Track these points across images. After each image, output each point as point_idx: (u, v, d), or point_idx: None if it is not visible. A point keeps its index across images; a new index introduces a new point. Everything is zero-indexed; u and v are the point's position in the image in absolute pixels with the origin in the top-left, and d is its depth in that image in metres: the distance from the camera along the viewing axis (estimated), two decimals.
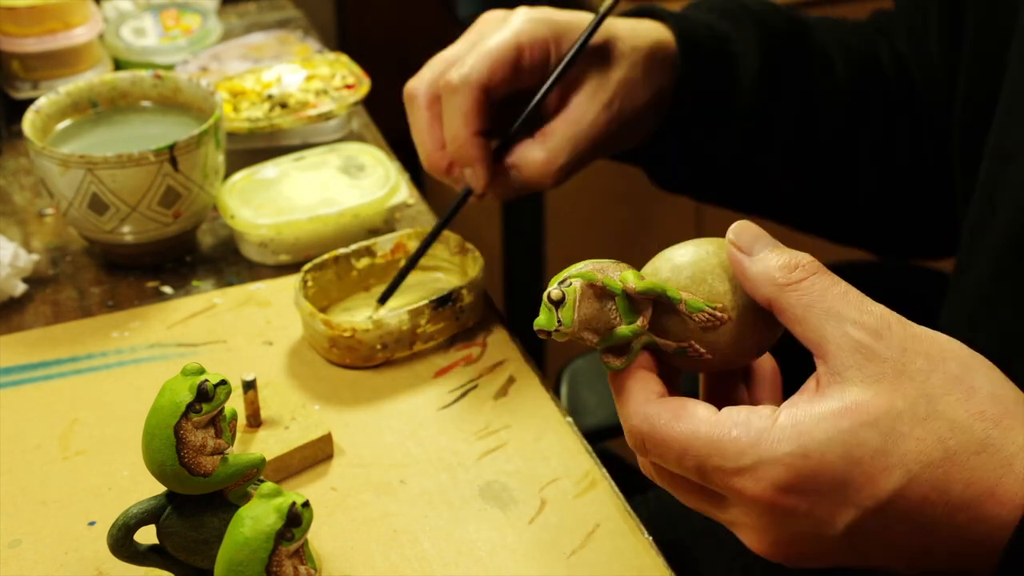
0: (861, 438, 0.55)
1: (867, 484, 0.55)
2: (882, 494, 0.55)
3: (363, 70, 1.13)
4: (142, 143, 0.96)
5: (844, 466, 0.55)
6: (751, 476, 0.56)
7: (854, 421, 0.55)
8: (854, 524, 0.55)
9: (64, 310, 0.94)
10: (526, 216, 1.94)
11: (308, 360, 0.88)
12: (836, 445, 0.55)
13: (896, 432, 0.55)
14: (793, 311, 0.58)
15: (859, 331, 0.56)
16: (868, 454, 0.55)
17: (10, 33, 1.17)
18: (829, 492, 0.55)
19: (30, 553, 0.73)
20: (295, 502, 0.59)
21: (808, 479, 0.55)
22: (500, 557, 0.73)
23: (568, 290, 0.59)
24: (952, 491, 0.55)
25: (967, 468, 0.55)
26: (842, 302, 0.57)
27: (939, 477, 0.55)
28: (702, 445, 0.57)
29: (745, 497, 0.56)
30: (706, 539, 1.05)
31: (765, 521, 0.57)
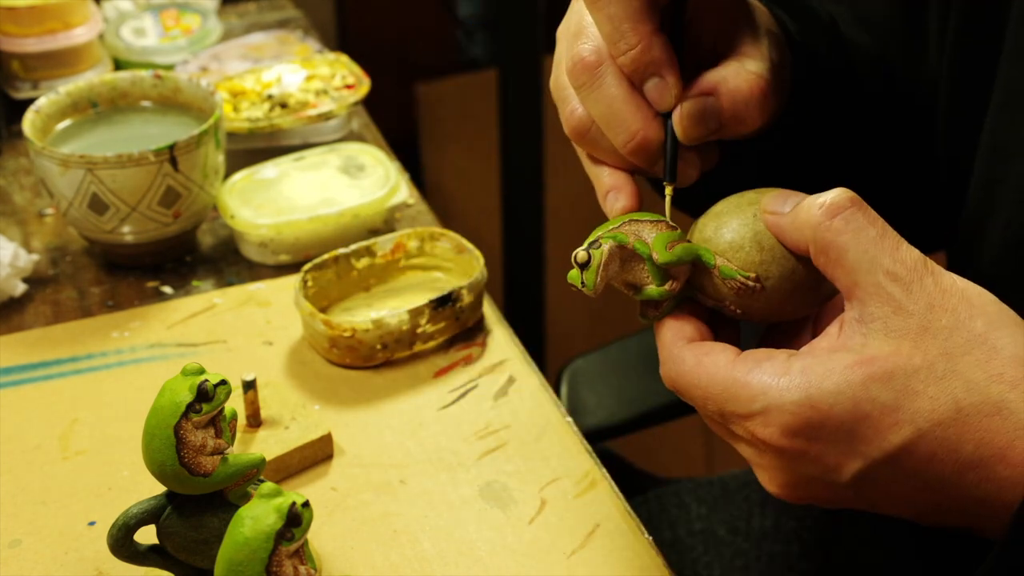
0: (872, 393, 0.55)
1: (875, 437, 0.55)
2: (889, 447, 0.55)
3: (363, 70, 1.13)
4: (142, 143, 0.96)
5: (851, 419, 0.56)
6: (761, 421, 0.57)
7: (867, 375, 0.56)
8: (861, 474, 0.56)
9: (64, 310, 0.94)
10: (526, 216, 1.95)
11: (308, 360, 0.88)
12: (845, 398, 0.56)
13: (909, 389, 0.55)
14: (829, 252, 0.58)
15: (890, 282, 0.57)
16: (877, 409, 0.55)
17: (10, 33, 1.17)
18: (836, 441, 0.56)
19: (30, 553, 0.73)
20: (295, 502, 0.59)
21: (815, 427, 0.56)
22: (500, 557, 0.73)
23: (595, 252, 0.61)
24: (963, 450, 0.55)
25: (979, 429, 0.55)
26: (878, 246, 0.57)
27: (950, 436, 0.55)
28: (720, 390, 0.59)
29: (756, 440, 0.58)
30: (706, 539, 1.05)
31: (777, 463, 0.58)
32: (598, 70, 0.65)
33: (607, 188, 0.67)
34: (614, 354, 1.21)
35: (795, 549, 1.04)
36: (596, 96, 0.65)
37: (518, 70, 1.84)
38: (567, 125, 0.68)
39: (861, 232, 0.58)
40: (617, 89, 0.65)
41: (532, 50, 1.83)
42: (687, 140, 0.64)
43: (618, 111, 0.64)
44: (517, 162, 1.91)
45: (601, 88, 0.65)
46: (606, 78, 0.65)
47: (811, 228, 0.59)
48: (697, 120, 0.64)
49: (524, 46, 1.83)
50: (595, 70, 0.65)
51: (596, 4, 0.64)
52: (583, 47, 0.65)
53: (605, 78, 0.65)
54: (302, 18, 1.42)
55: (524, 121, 1.87)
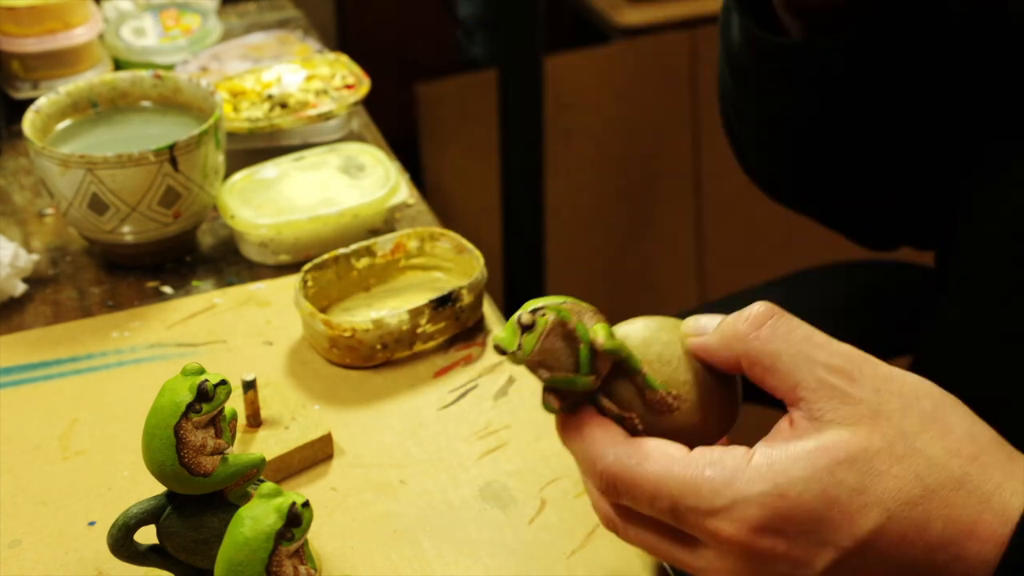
0: (838, 477, 0.54)
1: (845, 523, 0.54)
2: (860, 533, 0.54)
3: (363, 70, 1.13)
4: (142, 143, 0.96)
5: (822, 505, 0.54)
6: (726, 517, 0.55)
7: (831, 459, 0.55)
8: (832, 565, 0.55)
9: (64, 310, 0.94)
10: (526, 216, 1.95)
11: (308, 360, 0.88)
12: (813, 484, 0.55)
13: (874, 470, 0.55)
14: (763, 360, 0.58)
15: (831, 374, 0.57)
16: (845, 493, 0.54)
17: (10, 33, 1.17)
18: (806, 532, 0.55)
19: (30, 553, 0.73)
20: (295, 502, 0.59)
21: (785, 519, 0.54)
22: (500, 557, 0.73)
23: (540, 319, 0.59)
24: (932, 529, 0.54)
25: (946, 505, 0.54)
26: (809, 345, 0.57)
27: (918, 515, 0.54)
28: (675, 485, 0.56)
29: (720, 539, 0.55)
30: None
31: (741, 565, 0.56)
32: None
33: None
34: None
35: None
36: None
37: (518, 70, 1.84)
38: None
39: (790, 335, 0.58)
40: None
41: (532, 50, 1.83)
42: None
43: None
44: (517, 162, 1.91)
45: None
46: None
47: (739, 341, 0.59)
48: None
49: (524, 46, 1.83)
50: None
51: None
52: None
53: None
54: (302, 18, 1.42)
55: (524, 121, 1.87)
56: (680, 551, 0.58)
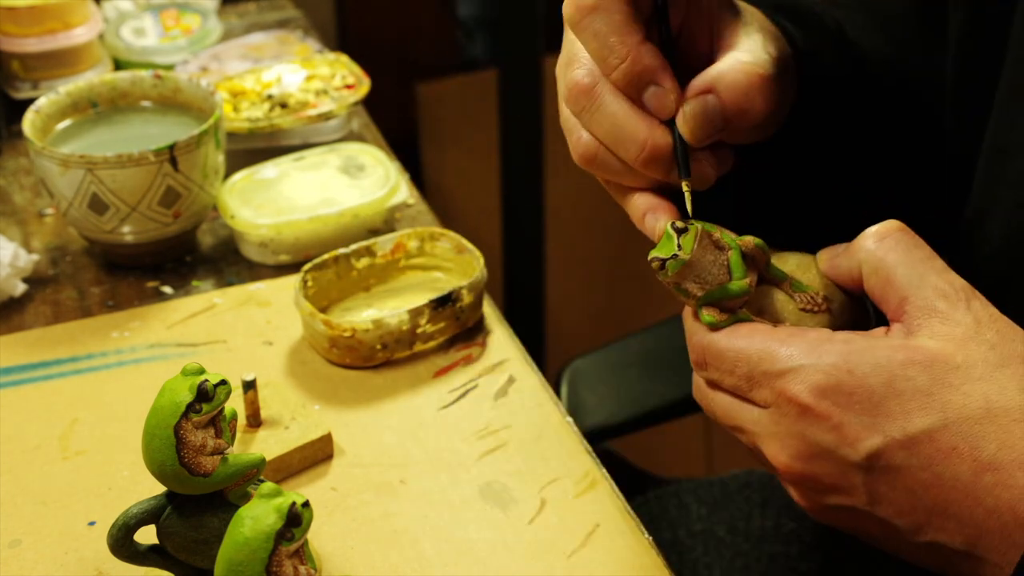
0: (910, 374, 0.56)
1: (900, 416, 0.56)
2: (912, 429, 0.55)
3: (363, 70, 1.13)
4: (142, 143, 0.96)
5: (883, 393, 0.56)
6: (794, 378, 0.57)
7: (908, 358, 0.57)
8: (876, 452, 0.56)
9: (64, 310, 0.94)
10: (526, 216, 1.95)
11: (308, 360, 0.88)
12: (883, 372, 0.56)
13: (945, 381, 0.56)
14: (880, 271, 0.60)
15: (939, 298, 0.59)
16: (911, 389, 0.56)
17: (10, 33, 1.17)
18: (861, 412, 0.56)
19: (30, 553, 0.73)
20: (295, 502, 0.59)
21: (846, 393, 0.56)
22: (500, 557, 0.73)
23: (691, 225, 0.62)
24: (984, 449, 0.54)
25: (1005, 431, 0.55)
26: (926, 265, 0.60)
27: (974, 432, 0.55)
28: (757, 350, 0.59)
29: (785, 397, 0.58)
30: (706, 540, 1.05)
31: (794, 427, 0.58)
32: (594, 90, 0.64)
33: (642, 211, 0.67)
34: (614, 354, 1.21)
35: (795, 550, 1.04)
36: (598, 117, 0.65)
37: (518, 70, 1.84)
38: (575, 154, 0.67)
39: (910, 251, 0.60)
40: (617, 105, 0.64)
41: (532, 50, 1.83)
42: (695, 141, 0.64)
43: (622, 126, 0.64)
44: (517, 162, 1.91)
45: (601, 108, 0.64)
46: (604, 97, 0.64)
47: (863, 252, 0.61)
48: (701, 120, 0.63)
49: (524, 46, 1.83)
50: (591, 91, 0.64)
51: (580, 25, 0.64)
52: (576, 72, 0.65)
53: (603, 97, 0.64)
54: (302, 18, 1.42)
55: (524, 121, 1.87)
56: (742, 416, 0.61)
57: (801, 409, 0.57)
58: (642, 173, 0.65)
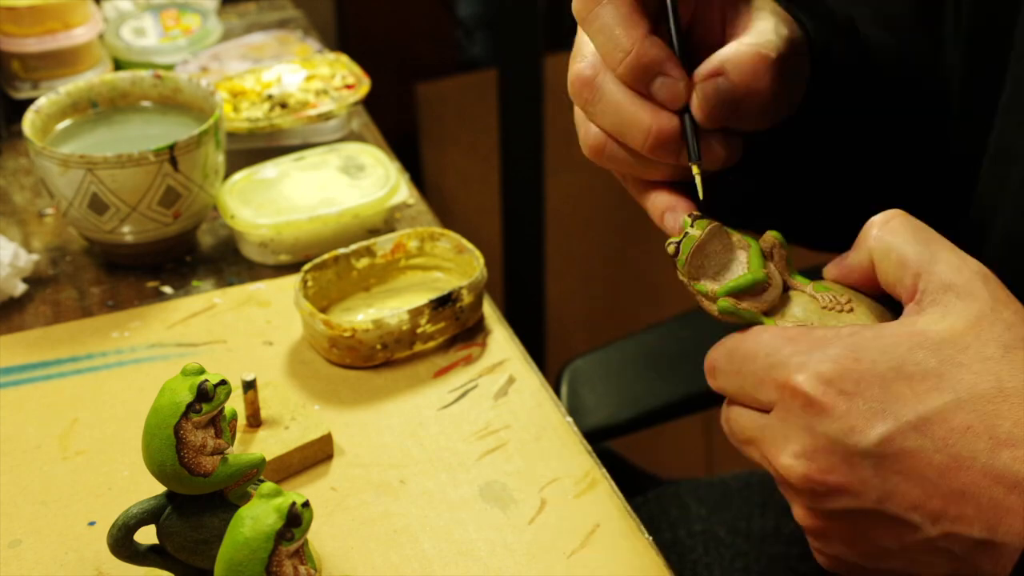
0: (918, 357, 0.56)
1: (911, 398, 0.55)
2: (924, 410, 0.54)
3: (363, 70, 1.13)
4: (142, 143, 0.96)
5: (892, 377, 0.55)
6: (801, 369, 0.57)
7: (915, 343, 0.56)
8: (887, 438, 0.55)
9: (64, 310, 0.94)
10: (526, 216, 1.95)
11: (308, 360, 0.88)
12: (890, 357, 0.56)
13: (955, 361, 0.55)
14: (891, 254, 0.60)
15: (955, 273, 0.58)
16: (920, 372, 0.55)
17: (10, 33, 1.17)
18: (870, 398, 0.55)
19: (30, 553, 0.73)
20: (295, 502, 0.59)
21: (853, 381, 0.56)
22: (500, 557, 0.73)
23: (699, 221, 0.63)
24: (1000, 426, 0.53)
25: (1019, 409, 0.54)
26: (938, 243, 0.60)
27: (988, 410, 0.54)
28: (769, 347, 0.59)
29: (787, 392, 0.57)
30: (706, 540, 1.05)
31: (800, 423, 0.57)
32: (595, 81, 0.65)
33: (661, 210, 0.68)
34: (614, 354, 1.21)
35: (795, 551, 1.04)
36: (602, 108, 0.65)
37: (518, 70, 1.84)
38: (584, 148, 0.68)
39: (918, 232, 0.60)
40: (620, 94, 0.64)
41: (532, 50, 1.82)
42: (709, 122, 0.64)
43: (626, 113, 0.64)
44: (517, 162, 1.91)
45: (604, 98, 0.65)
46: (606, 87, 0.65)
47: (870, 240, 0.61)
48: (714, 101, 0.63)
49: (524, 46, 1.83)
50: (592, 83, 0.65)
51: (587, 19, 0.64)
52: (578, 65, 0.66)
53: (605, 87, 0.65)
54: (302, 18, 1.42)
55: (524, 121, 1.87)
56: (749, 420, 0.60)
57: (806, 401, 0.56)
58: (651, 161, 0.65)
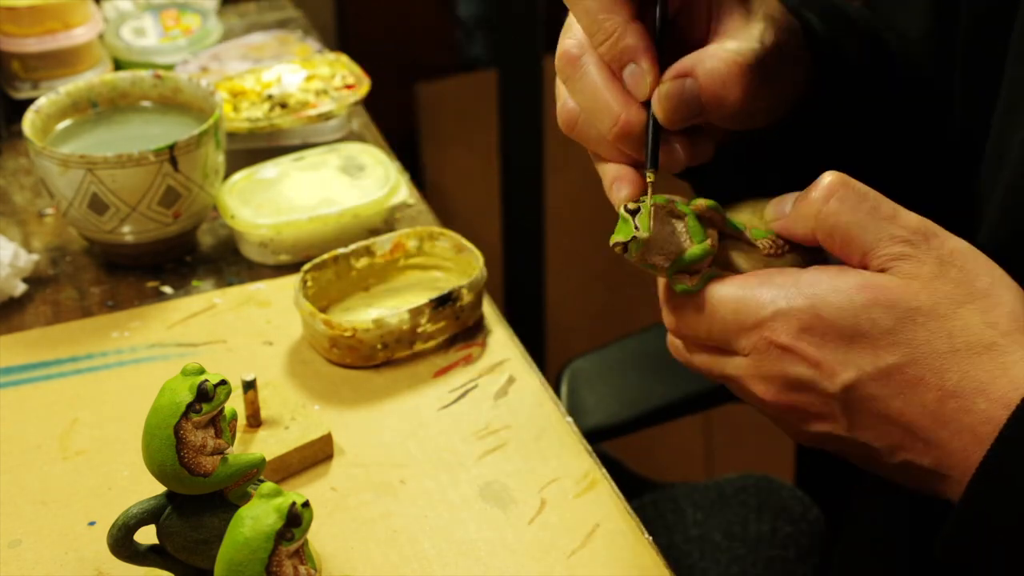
0: (873, 315, 0.60)
1: (870, 352, 0.60)
2: (882, 364, 0.59)
3: (363, 70, 1.13)
4: (142, 143, 0.96)
5: (851, 333, 0.60)
6: (772, 323, 0.61)
7: (871, 298, 0.60)
8: (851, 384, 0.60)
9: (64, 310, 0.94)
10: (526, 216, 1.95)
11: (308, 360, 0.88)
12: (847, 314, 0.60)
13: (909, 319, 0.59)
14: (835, 234, 0.62)
15: (898, 244, 0.61)
16: (876, 330, 0.59)
17: (10, 33, 1.17)
18: (835, 349, 0.60)
19: (30, 553, 0.73)
20: (295, 502, 0.59)
21: (818, 333, 0.60)
22: (500, 557, 0.73)
23: (643, 203, 0.64)
24: (948, 379, 0.59)
25: (967, 363, 0.59)
26: (878, 215, 0.62)
27: (938, 365, 0.59)
28: (731, 306, 0.62)
29: (764, 342, 0.61)
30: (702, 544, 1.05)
31: (777, 367, 0.61)
32: (580, 60, 0.66)
33: (611, 179, 0.69)
34: (614, 354, 1.21)
35: (791, 554, 1.04)
36: (580, 86, 0.67)
37: (518, 70, 1.84)
38: (559, 118, 0.70)
39: (858, 207, 0.62)
40: (599, 78, 0.66)
41: (532, 50, 1.83)
42: (668, 123, 0.65)
43: (600, 98, 0.66)
44: (517, 162, 1.91)
45: (584, 78, 0.66)
46: (588, 68, 0.66)
47: (812, 218, 0.63)
48: (676, 102, 0.64)
49: (524, 46, 1.83)
50: (577, 61, 0.66)
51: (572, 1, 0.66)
52: (567, 41, 0.67)
53: (587, 68, 0.66)
54: (302, 18, 1.42)
55: (524, 121, 1.87)
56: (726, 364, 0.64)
57: (782, 350, 0.61)
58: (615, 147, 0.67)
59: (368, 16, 2.20)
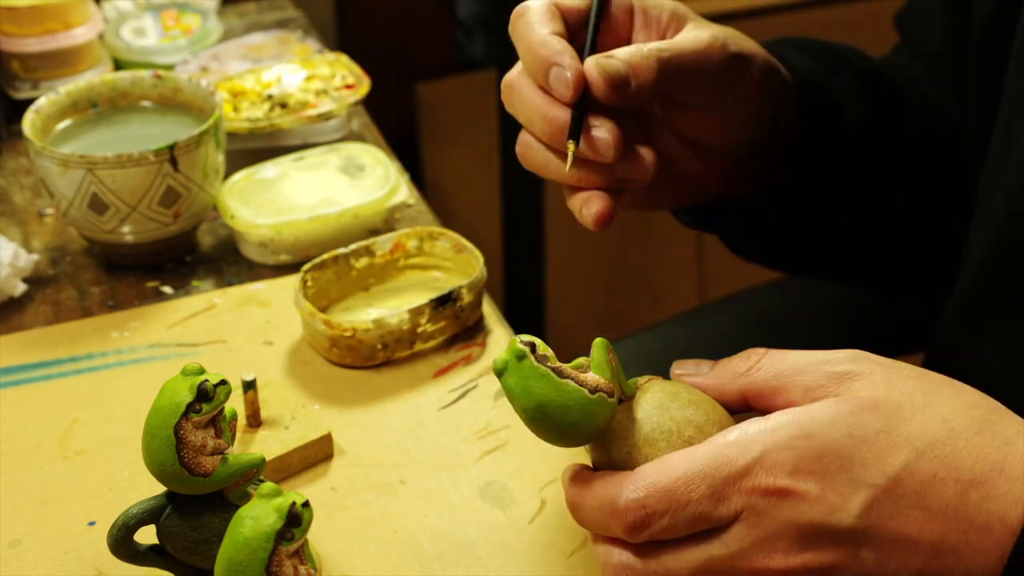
0: (864, 419, 0.56)
1: (874, 461, 0.55)
2: (890, 470, 0.55)
3: (363, 70, 1.13)
4: (142, 143, 0.96)
5: (849, 445, 0.55)
6: (760, 468, 0.55)
7: (855, 405, 0.56)
8: (867, 507, 0.55)
9: (64, 310, 0.94)
10: (526, 216, 1.95)
11: (308, 360, 0.88)
12: (840, 424, 0.56)
13: (899, 416, 0.56)
14: (768, 384, 0.59)
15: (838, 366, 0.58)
16: (872, 432, 0.55)
17: (10, 33, 1.17)
18: (837, 471, 0.55)
19: (30, 553, 0.73)
20: (295, 502, 0.59)
21: (815, 459, 0.55)
22: (500, 557, 0.73)
23: None
24: (962, 466, 0.55)
25: (972, 444, 0.55)
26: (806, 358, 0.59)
27: (947, 452, 0.55)
28: (705, 463, 0.56)
29: (757, 493, 0.55)
30: None
31: (777, 521, 0.55)
32: (515, 82, 0.71)
33: (579, 204, 0.72)
34: None
35: None
36: (518, 106, 0.72)
37: None
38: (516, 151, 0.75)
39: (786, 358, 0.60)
40: (530, 91, 0.70)
41: None
42: (601, 93, 0.68)
43: (532, 107, 0.70)
44: (517, 162, 1.90)
45: (518, 96, 0.71)
46: (523, 87, 0.71)
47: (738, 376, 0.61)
48: (603, 67, 0.68)
49: None
50: (511, 84, 0.72)
51: (512, 31, 0.72)
52: (509, 72, 0.73)
53: (522, 87, 0.71)
54: (302, 18, 1.42)
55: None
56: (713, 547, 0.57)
57: (780, 495, 0.55)
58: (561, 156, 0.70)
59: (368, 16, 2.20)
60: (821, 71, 0.83)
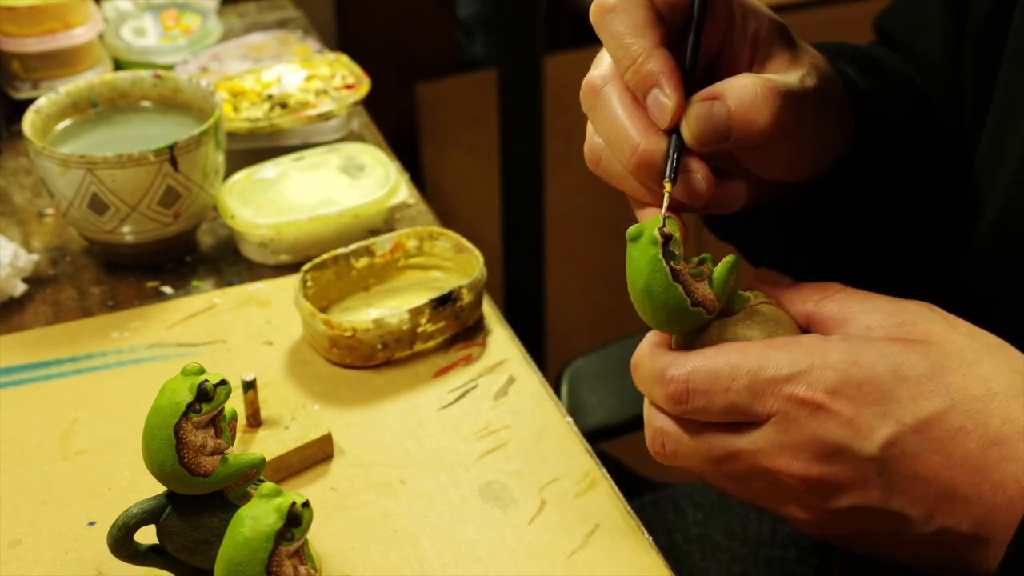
0: (911, 360, 0.58)
1: (910, 402, 0.57)
2: (923, 413, 0.57)
3: (363, 70, 1.13)
4: (142, 143, 0.96)
5: (891, 380, 0.57)
6: (803, 380, 0.58)
7: (905, 346, 0.59)
8: (890, 441, 0.57)
9: (64, 310, 0.94)
10: (526, 216, 1.95)
11: (308, 360, 0.88)
12: (887, 359, 0.58)
13: (943, 366, 0.58)
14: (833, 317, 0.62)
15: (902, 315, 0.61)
16: (915, 375, 0.57)
17: (10, 33, 1.17)
18: (873, 403, 0.57)
19: (30, 553, 0.73)
20: (295, 502, 0.59)
21: (856, 385, 0.57)
22: (500, 557, 0.73)
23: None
24: (990, 425, 0.56)
25: (1007, 406, 0.57)
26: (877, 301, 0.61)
27: (979, 410, 0.57)
28: (754, 360, 0.59)
29: (793, 402, 0.58)
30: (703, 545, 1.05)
31: (806, 431, 0.58)
32: (601, 91, 0.64)
33: None
34: (614, 354, 1.21)
35: (792, 554, 1.04)
36: (601, 117, 0.64)
37: (518, 70, 1.84)
38: (585, 154, 0.68)
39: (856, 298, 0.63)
40: (620, 108, 0.64)
41: (532, 50, 1.82)
42: (696, 143, 0.62)
43: (620, 127, 0.63)
44: (517, 162, 1.91)
45: (605, 108, 0.64)
46: (610, 98, 0.64)
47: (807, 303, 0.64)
48: (704, 122, 0.62)
49: (524, 46, 1.82)
50: (598, 91, 0.64)
51: (601, 24, 0.64)
52: (592, 73, 0.66)
53: (609, 98, 0.64)
54: (302, 18, 1.42)
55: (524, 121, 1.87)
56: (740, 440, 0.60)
57: (814, 409, 0.58)
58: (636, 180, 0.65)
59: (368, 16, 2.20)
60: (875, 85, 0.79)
